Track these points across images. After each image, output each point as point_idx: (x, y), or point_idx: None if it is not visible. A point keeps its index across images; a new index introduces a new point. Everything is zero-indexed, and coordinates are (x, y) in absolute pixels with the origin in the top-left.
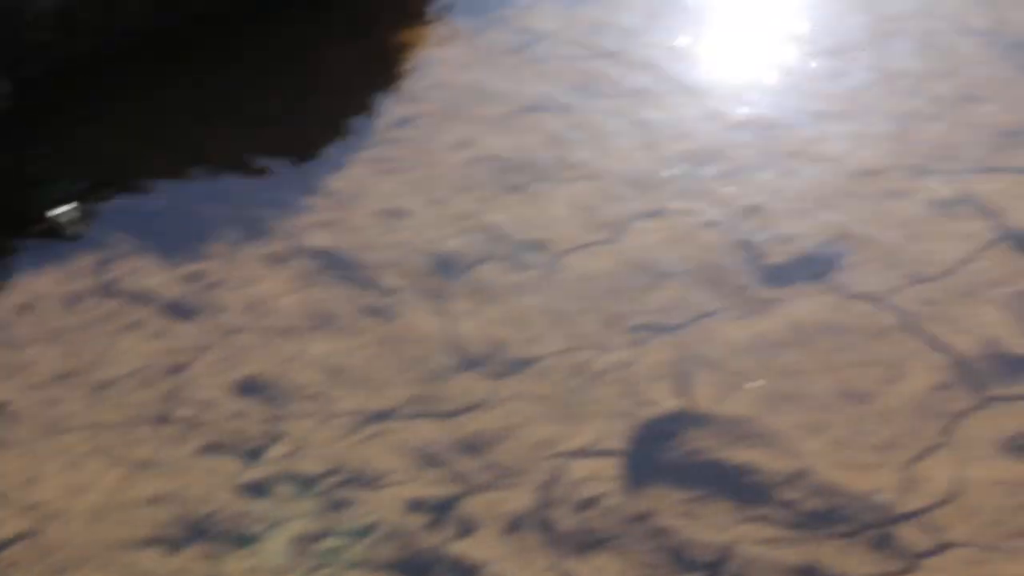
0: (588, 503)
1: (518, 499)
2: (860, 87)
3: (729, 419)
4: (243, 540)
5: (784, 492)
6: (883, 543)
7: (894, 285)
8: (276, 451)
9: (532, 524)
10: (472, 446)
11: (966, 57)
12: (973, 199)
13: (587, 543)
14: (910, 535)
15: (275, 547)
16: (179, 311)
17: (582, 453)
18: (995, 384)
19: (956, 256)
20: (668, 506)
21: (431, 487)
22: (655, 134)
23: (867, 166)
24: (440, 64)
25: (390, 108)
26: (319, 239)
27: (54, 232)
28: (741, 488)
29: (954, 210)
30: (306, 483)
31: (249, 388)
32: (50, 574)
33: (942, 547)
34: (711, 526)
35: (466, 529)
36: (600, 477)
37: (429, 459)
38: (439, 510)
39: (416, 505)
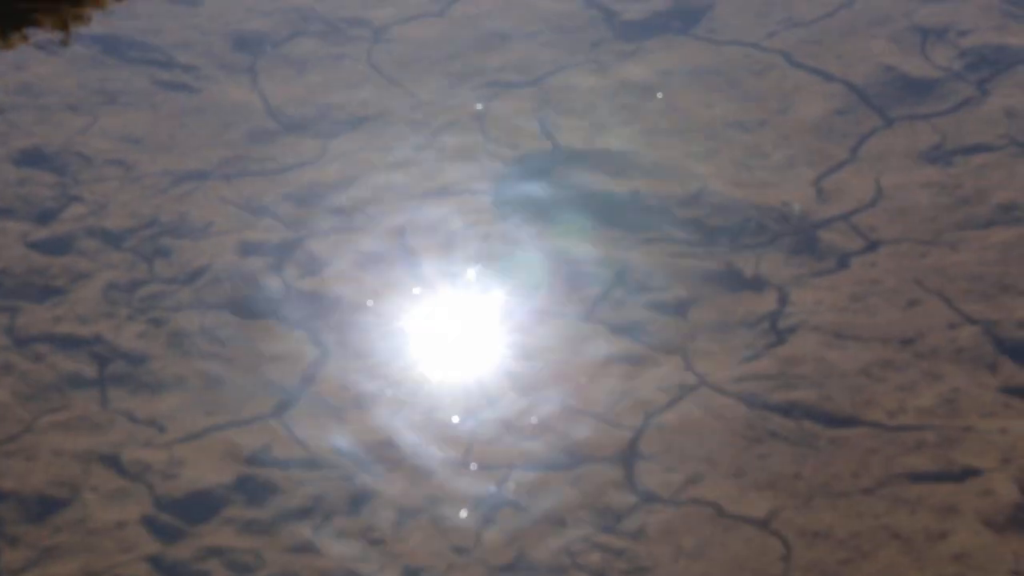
0: (457, 234)
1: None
2: None
3: (609, 154)
4: (44, 293)
5: (683, 212)
6: (804, 247)
7: (770, 30)
8: (73, 211)
9: (390, 259)
10: (307, 197)
11: None
12: None
13: (464, 266)
14: (835, 238)
15: (83, 296)
16: None
17: (446, 192)
18: (897, 105)
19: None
20: (549, 236)
21: (266, 233)
22: None
23: None
24: None
25: None
26: (98, 27)
27: None
28: (633, 213)
29: None
30: (113, 237)
31: (32, 158)
32: None
33: (873, 244)
34: (605, 245)
35: (313, 268)
36: (469, 212)
37: (258, 210)
38: (279, 251)
39: (251, 249)
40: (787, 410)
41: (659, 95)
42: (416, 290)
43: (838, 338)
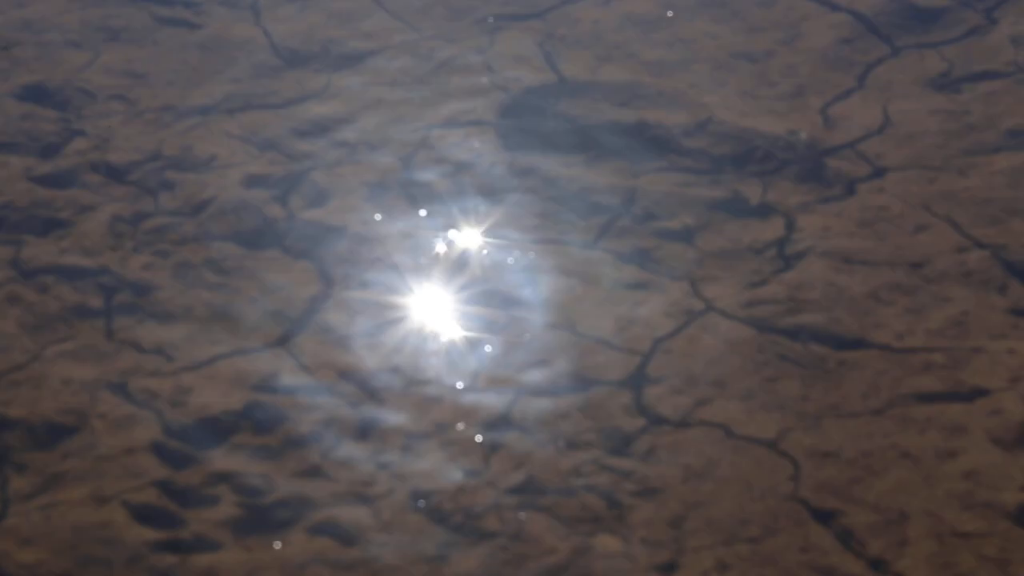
0: (463, 165)
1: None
2: None
3: (613, 84)
4: (49, 226)
5: (689, 141)
6: (811, 174)
7: None
8: (76, 146)
9: (395, 190)
10: (311, 130)
11: None
12: None
13: (471, 196)
14: (842, 165)
15: (88, 228)
16: None
17: (451, 123)
18: (904, 34)
19: None
20: (555, 165)
21: (270, 166)
22: None
23: None
24: None
25: None
26: None
27: None
28: (638, 142)
29: None
30: (117, 171)
31: (34, 94)
32: None
33: (881, 171)
34: (610, 175)
35: (318, 200)
36: (474, 143)
37: (262, 143)
38: (284, 183)
39: (256, 181)
40: (795, 333)
41: (669, 13)
42: (423, 214)
43: (846, 263)
